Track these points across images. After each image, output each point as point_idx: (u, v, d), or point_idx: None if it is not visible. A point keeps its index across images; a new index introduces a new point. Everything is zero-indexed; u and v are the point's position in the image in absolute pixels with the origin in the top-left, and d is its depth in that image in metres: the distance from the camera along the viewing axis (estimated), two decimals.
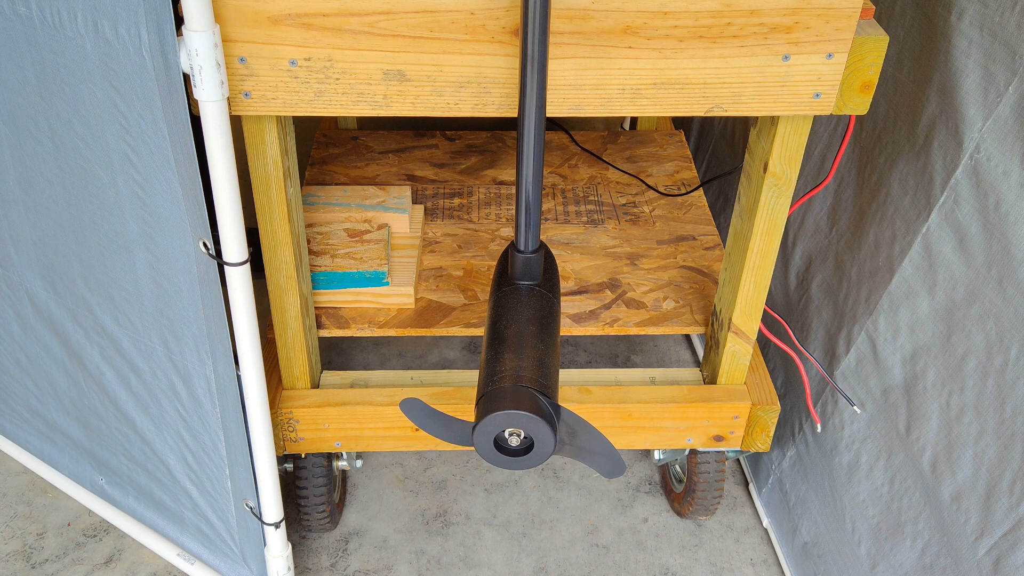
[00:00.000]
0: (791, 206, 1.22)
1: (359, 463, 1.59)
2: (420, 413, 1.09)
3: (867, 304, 1.33)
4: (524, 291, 1.17)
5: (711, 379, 1.45)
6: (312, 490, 1.52)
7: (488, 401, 1.02)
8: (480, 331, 1.44)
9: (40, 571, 1.58)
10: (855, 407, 1.34)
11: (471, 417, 1.41)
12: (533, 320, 1.13)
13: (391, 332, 1.44)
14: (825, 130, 1.48)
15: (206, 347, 1.20)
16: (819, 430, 1.45)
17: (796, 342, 1.47)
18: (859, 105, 1.07)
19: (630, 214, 1.71)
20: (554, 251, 1.60)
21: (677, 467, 1.71)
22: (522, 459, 1.05)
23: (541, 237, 1.37)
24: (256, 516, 1.37)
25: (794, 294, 1.59)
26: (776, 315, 1.50)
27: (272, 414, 1.35)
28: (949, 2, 1.14)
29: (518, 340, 1.09)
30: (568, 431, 1.07)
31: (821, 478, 1.48)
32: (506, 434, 1.03)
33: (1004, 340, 1.05)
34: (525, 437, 1.04)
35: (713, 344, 1.44)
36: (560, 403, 1.40)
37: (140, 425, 1.41)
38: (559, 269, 1.56)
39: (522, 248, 1.16)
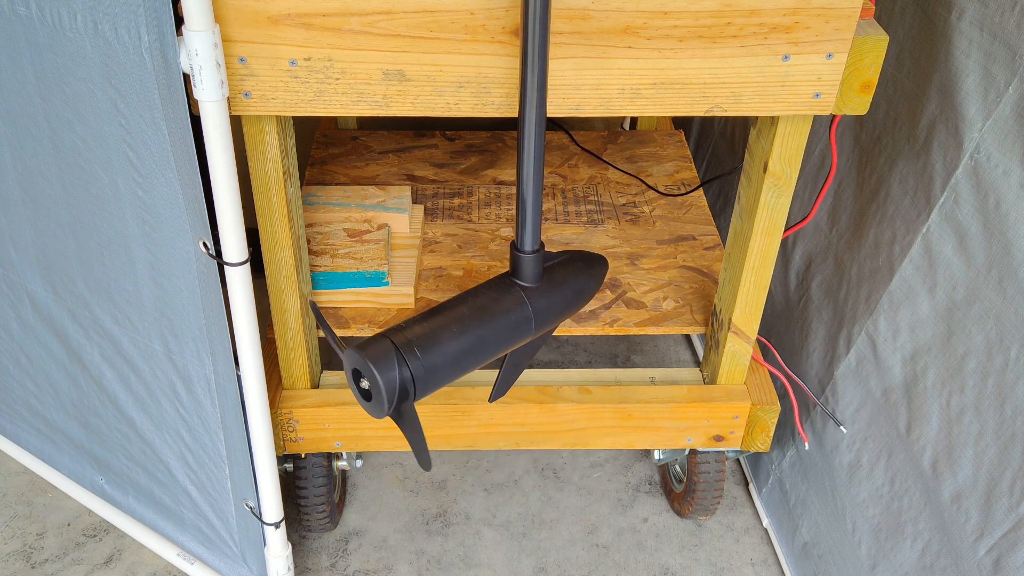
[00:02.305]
0: (785, 231, 1.24)
1: (359, 463, 1.59)
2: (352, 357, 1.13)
3: (867, 304, 1.33)
4: (501, 285, 1.19)
5: (711, 379, 1.45)
6: (312, 490, 1.52)
7: (361, 342, 1.11)
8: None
9: (40, 571, 1.58)
10: (841, 427, 1.36)
11: (469, 421, 1.42)
12: (483, 309, 1.16)
13: None
14: (825, 130, 1.48)
15: (206, 347, 1.20)
16: (806, 448, 1.47)
17: (783, 364, 1.48)
18: (859, 105, 1.07)
19: (630, 214, 1.71)
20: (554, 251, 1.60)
21: (677, 467, 1.71)
22: (369, 405, 1.13)
23: (541, 237, 1.36)
24: (256, 516, 1.37)
25: (794, 294, 1.59)
26: (763, 339, 1.51)
27: (272, 414, 1.35)
28: (949, 2, 1.14)
29: (444, 315, 1.15)
30: (407, 409, 1.13)
31: (821, 478, 1.48)
32: (361, 377, 1.11)
33: (1004, 340, 1.05)
34: (368, 386, 1.11)
35: (713, 344, 1.44)
36: (559, 403, 1.41)
37: (140, 425, 1.41)
38: None
39: (521, 248, 1.16)
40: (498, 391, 1.28)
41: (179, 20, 0.93)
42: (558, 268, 1.24)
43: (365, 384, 1.11)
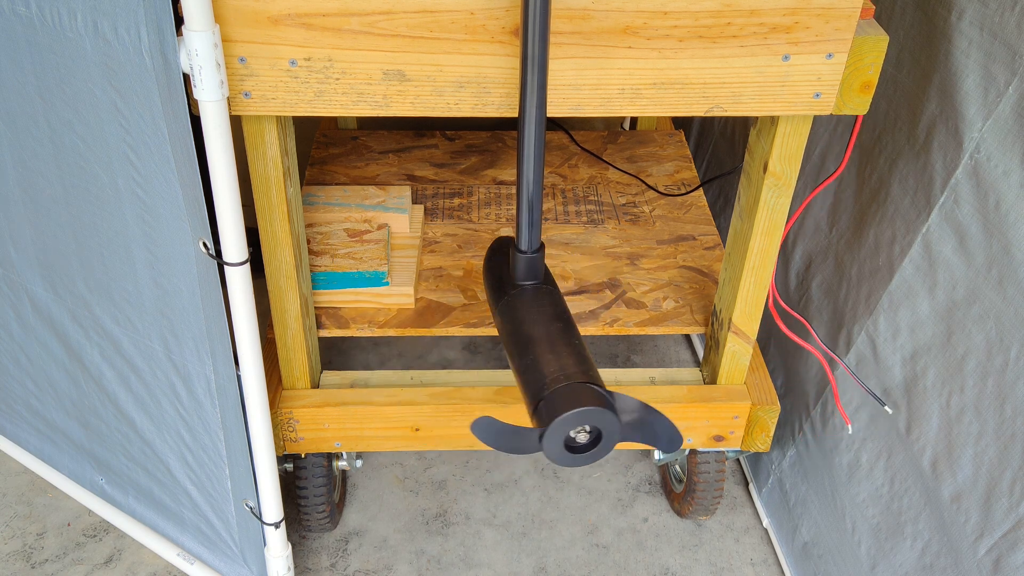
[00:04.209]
0: (808, 195, 1.21)
1: (359, 463, 1.59)
2: (489, 432, 1.07)
3: (867, 304, 1.33)
4: (534, 291, 1.18)
5: (711, 379, 1.45)
6: (312, 490, 1.52)
7: (550, 405, 1.02)
8: (480, 331, 1.44)
9: (40, 571, 1.58)
10: (886, 408, 1.29)
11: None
12: (555, 318, 1.14)
13: (391, 332, 1.44)
14: (825, 130, 1.48)
15: (206, 347, 1.20)
16: (850, 431, 1.40)
17: (820, 341, 1.43)
18: (859, 105, 1.07)
19: (630, 214, 1.71)
20: (554, 251, 1.60)
21: (677, 467, 1.71)
22: (589, 454, 1.06)
23: (541, 237, 1.37)
24: (256, 516, 1.37)
25: (794, 294, 1.59)
26: (797, 314, 1.47)
27: (272, 414, 1.35)
28: (949, 2, 1.14)
29: (550, 340, 1.10)
30: (626, 414, 1.07)
31: (821, 478, 1.48)
32: (571, 433, 1.03)
33: (1004, 340, 1.05)
34: (591, 431, 1.04)
35: (713, 344, 1.44)
36: None
37: (140, 425, 1.41)
38: (560, 270, 1.57)
39: (523, 248, 1.16)
40: None
41: (179, 20, 0.93)
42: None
43: (584, 438, 1.04)
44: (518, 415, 1.42)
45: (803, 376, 1.54)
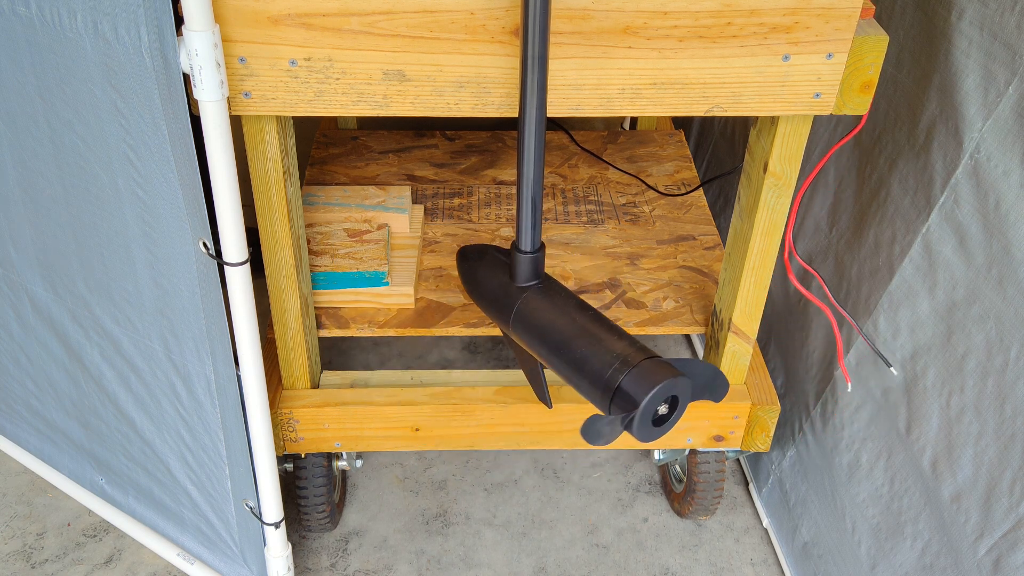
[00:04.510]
0: (828, 152, 1.20)
1: (359, 463, 1.59)
2: (602, 429, 1.09)
3: (867, 304, 1.33)
4: (546, 290, 1.19)
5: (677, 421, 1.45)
6: (312, 490, 1.52)
7: (633, 387, 1.05)
8: (480, 331, 1.44)
9: (40, 571, 1.58)
10: (892, 369, 1.28)
11: (477, 414, 1.42)
12: (579, 309, 1.16)
13: (391, 332, 1.44)
14: (825, 130, 1.48)
15: (206, 347, 1.20)
16: (849, 389, 1.39)
17: (830, 296, 1.41)
18: (859, 105, 1.07)
19: (630, 214, 1.71)
20: (554, 251, 1.60)
21: (677, 467, 1.71)
22: (666, 424, 1.09)
23: (541, 237, 1.37)
24: (256, 516, 1.37)
25: (794, 294, 1.59)
26: (810, 268, 1.45)
27: (272, 414, 1.35)
28: (949, 2, 1.14)
29: (589, 331, 1.12)
30: (690, 375, 1.10)
31: (821, 478, 1.48)
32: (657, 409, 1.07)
33: (1004, 340, 1.05)
34: (669, 401, 1.07)
35: (713, 344, 1.44)
36: (559, 403, 1.41)
37: (140, 425, 1.41)
38: (560, 270, 1.57)
39: (526, 248, 1.16)
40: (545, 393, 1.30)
41: (179, 20, 0.93)
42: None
43: (663, 409, 1.07)
44: (518, 415, 1.42)
45: (803, 376, 1.54)
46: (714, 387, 1.13)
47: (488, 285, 1.24)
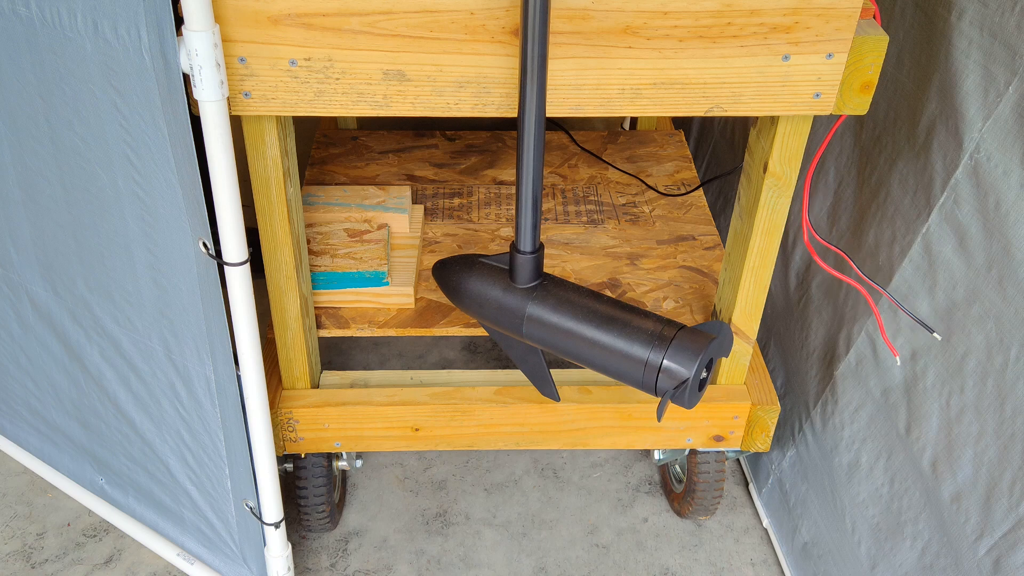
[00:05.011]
0: (822, 144, 1.21)
1: (359, 463, 1.59)
2: (661, 409, 1.12)
3: (867, 304, 1.33)
4: (551, 287, 1.20)
5: (711, 379, 1.45)
6: (312, 490, 1.52)
7: (677, 358, 1.08)
8: (480, 331, 1.43)
9: (40, 571, 1.58)
10: (935, 334, 1.25)
11: (481, 411, 1.42)
12: (591, 298, 1.18)
13: (391, 332, 1.44)
14: (825, 130, 1.48)
15: (206, 347, 1.20)
16: (898, 363, 1.31)
17: (860, 273, 1.38)
18: (859, 105, 1.07)
19: (630, 214, 1.71)
20: (554, 251, 1.60)
21: (677, 467, 1.71)
22: (705, 385, 1.14)
23: (541, 237, 1.37)
24: (256, 516, 1.37)
25: (794, 294, 1.59)
26: (832, 246, 1.42)
27: (272, 414, 1.35)
28: (949, 2, 1.14)
29: (611, 318, 1.15)
30: (720, 336, 1.15)
31: (821, 478, 1.48)
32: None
33: (1004, 340, 1.05)
34: (709, 364, 1.12)
35: None
36: (558, 403, 1.41)
37: (140, 425, 1.41)
38: (559, 270, 1.57)
39: (525, 249, 1.16)
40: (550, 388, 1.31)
41: (179, 20, 0.93)
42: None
43: (704, 373, 1.12)
44: (518, 415, 1.42)
45: (803, 376, 1.54)
46: (723, 342, 1.17)
47: (487, 294, 1.23)
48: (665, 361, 1.09)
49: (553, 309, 1.18)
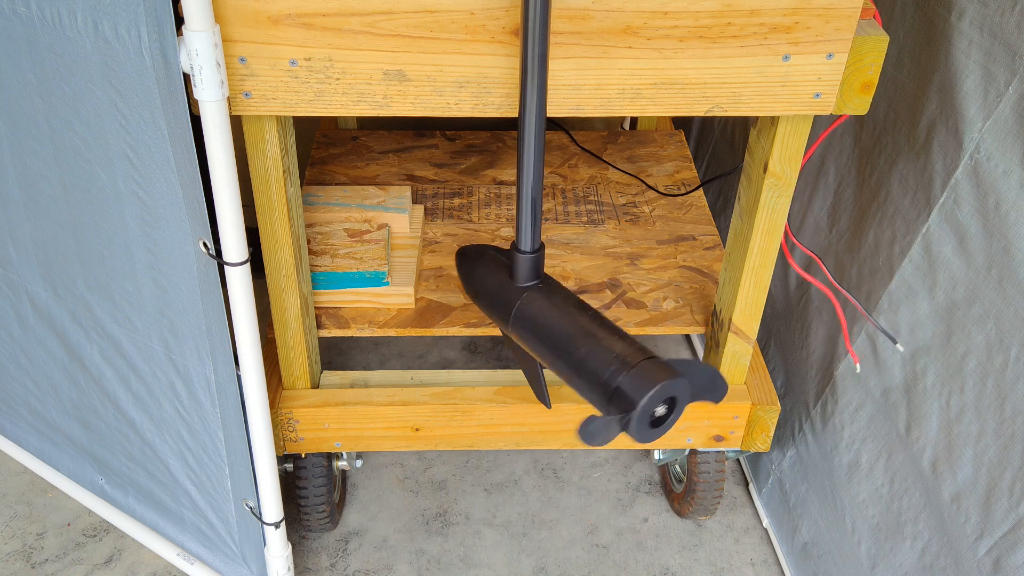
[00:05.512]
0: (816, 139, 1.20)
1: (359, 463, 1.59)
2: (600, 430, 1.09)
3: (867, 304, 1.33)
4: (546, 290, 1.19)
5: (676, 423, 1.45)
6: (312, 490, 1.52)
7: (632, 387, 1.04)
8: (480, 331, 1.44)
9: (40, 571, 1.58)
10: (898, 345, 1.27)
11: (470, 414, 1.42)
12: (579, 309, 1.16)
13: (391, 332, 1.44)
14: (824, 129, 1.48)
15: (206, 347, 1.20)
16: (858, 370, 1.38)
17: (832, 279, 1.40)
18: (859, 105, 1.07)
19: (630, 214, 1.71)
20: (554, 251, 1.60)
21: (677, 467, 1.71)
22: (664, 425, 1.09)
23: (541, 237, 1.37)
24: (256, 516, 1.37)
25: (794, 294, 1.59)
26: (811, 252, 1.45)
27: (272, 414, 1.35)
28: (949, 2, 1.14)
29: (590, 332, 1.12)
30: (692, 376, 1.10)
31: (821, 478, 1.48)
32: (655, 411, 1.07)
33: (1004, 340, 1.05)
34: (667, 402, 1.07)
35: (713, 344, 1.44)
36: (559, 403, 1.41)
37: (140, 425, 1.41)
38: (560, 270, 1.57)
39: (525, 248, 1.16)
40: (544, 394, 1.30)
41: (179, 20, 0.93)
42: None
43: (661, 410, 1.07)
44: (518, 415, 1.42)
45: (803, 376, 1.54)
46: (713, 388, 1.13)
47: (487, 285, 1.24)
48: (619, 386, 1.06)
49: (538, 312, 1.17)
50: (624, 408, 1.05)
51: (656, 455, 1.67)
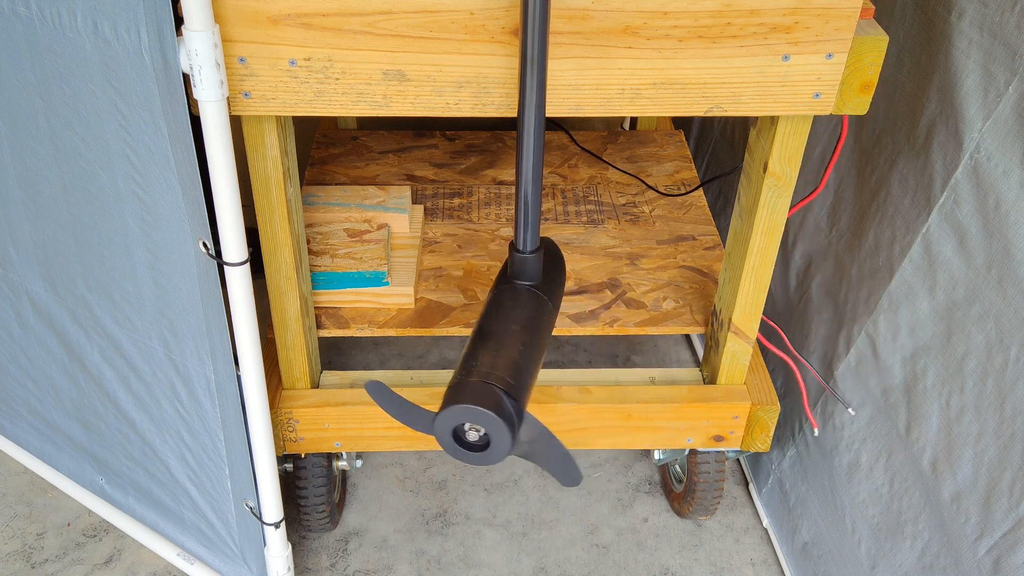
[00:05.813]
0: (789, 209, 1.22)
1: (359, 463, 1.60)
2: (383, 397, 1.09)
3: (867, 304, 1.33)
4: (519, 291, 1.18)
5: (711, 379, 1.46)
6: (312, 490, 1.52)
7: (452, 393, 1.03)
8: None
9: (40, 571, 1.58)
10: (849, 409, 1.34)
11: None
12: (520, 321, 1.14)
13: (391, 332, 1.44)
14: (825, 130, 1.48)
15: (206, 347, 1.20)
16: (816, 434, 1.45)
17: (791, 348, 1.47)
18: (859, 105, 1.07)
19: (630, 214, 1.71)
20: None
21: (677, 467, 1.71)
22: (479, 455, 1.06)
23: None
24: (256, 516, 1.37)
25: (794, 294, 1.59)
26: (771, 322, 1.50)
27: (272, 414, 1.35)
28: (949, 2, 1.14)
29: (499, 339, 1.10)
30: (529, 435, 1.07)
31: (821, 478, 1.48)
32: (466, 428, 1.04)
33: (1004, 340, 1.05)
34: (484, 434, 1.04)
35: (713, 344, 1.44)
36: (559, 403, 1.41)
37: (140, 425, 1.41)
38: None
39: (520, 248, 1.16)
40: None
41: (179, 20, 0.93)
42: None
43: (474, 436, 1.05)
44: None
45: (803, 376, 1.54)
46: (564, 475, 1.09)
47: (502, 269, 1.24)
48: (448, 388, 1.05)
49: (491, 305, 1.16)
50: (441, 407, 1.04)
51: (656, 455, 1.67)
